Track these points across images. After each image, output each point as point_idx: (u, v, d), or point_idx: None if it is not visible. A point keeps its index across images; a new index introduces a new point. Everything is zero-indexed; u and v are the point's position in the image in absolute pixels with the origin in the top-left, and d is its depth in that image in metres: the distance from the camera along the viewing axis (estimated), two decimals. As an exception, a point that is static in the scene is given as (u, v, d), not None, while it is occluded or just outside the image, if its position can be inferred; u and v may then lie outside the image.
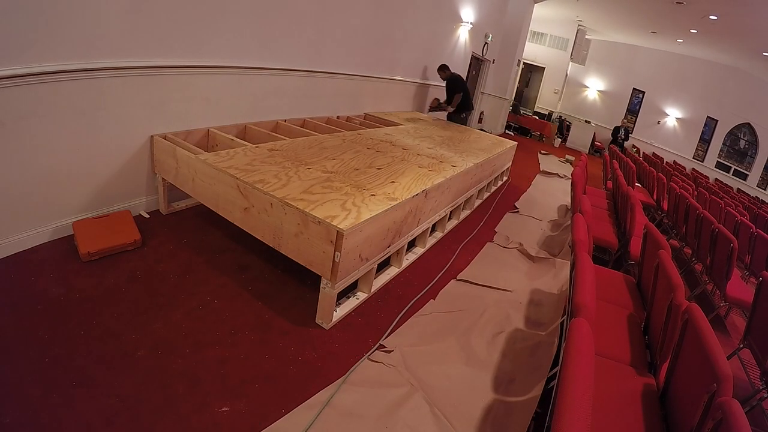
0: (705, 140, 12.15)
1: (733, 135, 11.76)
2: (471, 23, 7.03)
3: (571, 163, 8.59)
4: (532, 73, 13.47)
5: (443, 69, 5.89)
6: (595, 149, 12.10)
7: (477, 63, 8.86)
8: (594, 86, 13.63)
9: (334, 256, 1.90)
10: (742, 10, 6.68)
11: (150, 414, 1.44)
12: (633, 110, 13.21)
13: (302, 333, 2.00)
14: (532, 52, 12.47)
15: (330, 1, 3.79)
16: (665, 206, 5.25)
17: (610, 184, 5.66)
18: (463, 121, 6.26)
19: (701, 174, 11.13)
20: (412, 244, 3.08)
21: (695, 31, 8.92)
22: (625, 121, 13.00)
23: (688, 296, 3.46)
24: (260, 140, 3.09)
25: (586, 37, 12.40)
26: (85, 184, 2.36)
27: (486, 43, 8.32)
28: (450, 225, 3.65)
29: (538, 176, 6.70)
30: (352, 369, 1.84)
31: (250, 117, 3.38)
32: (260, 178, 2.21)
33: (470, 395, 1.83)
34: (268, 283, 2.31)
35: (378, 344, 2.03)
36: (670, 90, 12.35)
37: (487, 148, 4.61)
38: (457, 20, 6.76)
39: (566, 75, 13.21)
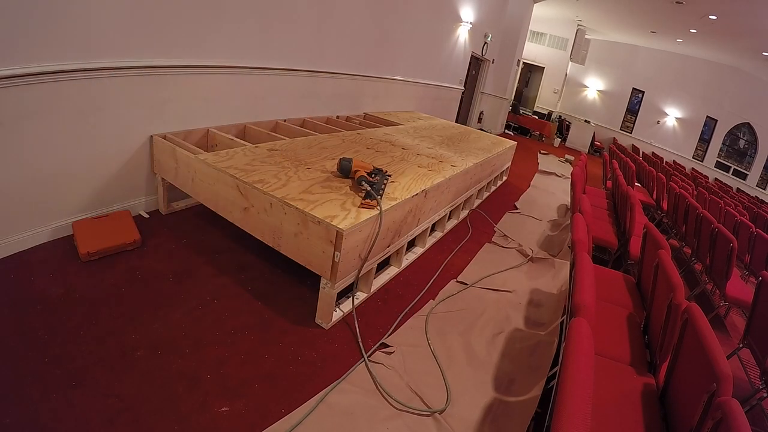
0: (704, 140, 12.15)
1: (732, 135, 11.76)
2: (471, 23, 7.03)
3: (570, 163, 8.59)
4: (531, 72, 13.46)
5: None
6: (594, 149, 12.11)
7: (477, 63, 8.86)
8: (593, 86, 13.63)
9: (333, 256, 1.90)
10: (741, 10, 6.68)
11: (150, 414, 1.44)
12: (632, 110, 13.21)
13: (302, 333, 2.00)
14: (532, 51, 12.47)
15: (330, 0, 3.79)
16: (665, 206, 5.26)
17: (609, 183, 5.66)
18: None
19: (701, 174, 11.14)
20: (411, 244, 3.08)
21: (695, 31, 8.92)
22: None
23: (688, 296, 3.46)
24: (260, 140, 3.09)
25: (586, 36, 12.40)
26: (84, 184, 2.36)
27: (486, 42, 8.32)
28: (450, 225, 3.65)
29: (537, 175, 6.71)
30: (351, 370, 1.83)
31: (250, 117, 3.38)
32: (260, 178, 2.21)
33: (470, 395, 1.84)
34: (268, 283, 2.31)
35: (378, 344, 2.03)
36: (670, 90, 12.35)
37: (487, 148, 4.61)
38: (457, 20, 6.76)
39: (566, 75, 13.21)
